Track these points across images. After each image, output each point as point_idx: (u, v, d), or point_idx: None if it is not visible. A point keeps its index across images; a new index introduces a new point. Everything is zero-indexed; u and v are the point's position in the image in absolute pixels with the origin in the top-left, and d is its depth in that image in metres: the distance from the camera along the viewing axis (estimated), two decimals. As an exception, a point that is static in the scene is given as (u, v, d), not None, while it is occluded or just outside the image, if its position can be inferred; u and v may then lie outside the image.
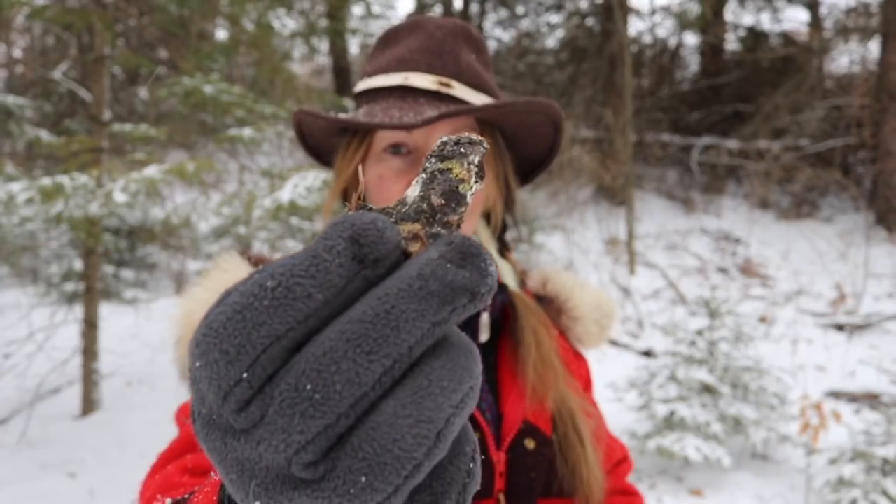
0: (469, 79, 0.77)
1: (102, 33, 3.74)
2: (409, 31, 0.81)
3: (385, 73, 0.78)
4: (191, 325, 0.73)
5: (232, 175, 5.09)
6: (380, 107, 0.75)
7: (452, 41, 0.78)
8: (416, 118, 0.71)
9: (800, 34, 9.87)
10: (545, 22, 10.42)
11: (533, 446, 0.77)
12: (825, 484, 3.03)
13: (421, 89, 0.75)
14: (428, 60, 0.77)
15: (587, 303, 0.89)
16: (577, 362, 0.90)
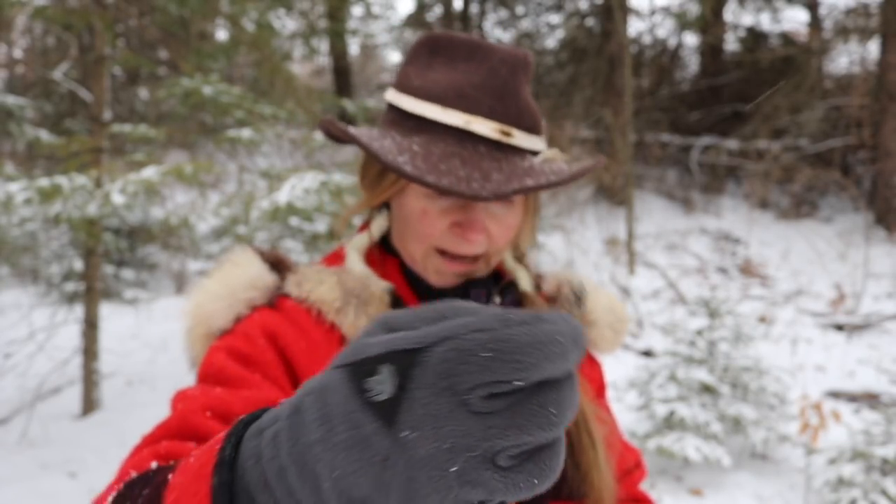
0: (527, 122, 0.75)
1: (103, 33, 3.74)
2: (469, 54, 0.75)
3: (441, 103, 0.73)
4: (200, 317, 0.74)
5: (231, 176, 5.09)
6: (437, 150, 0.70)
7: (514, 80, 0.74)
8: (483, 184, 0.67)
9: (799, 34, 9.88)
10: (545, 22, 10.42)
11: None
12: (824, 484, 3.03)
13: (481, 137, 0.72)
14: (490, 103, 0.73)
15: (601, 307, 0.89)
16: (591, 366, 0.90)
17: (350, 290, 0.75)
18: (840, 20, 9.14)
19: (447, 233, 0.75)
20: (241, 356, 0.70)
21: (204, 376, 0.69)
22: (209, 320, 0.74)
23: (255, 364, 0.69)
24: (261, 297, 0.75)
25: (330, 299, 0.74)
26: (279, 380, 0.69)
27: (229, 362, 0.69)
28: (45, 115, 6.10)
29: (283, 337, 0.72)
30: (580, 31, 9.80)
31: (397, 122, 0.76)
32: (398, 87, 0.77)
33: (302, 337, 0.73)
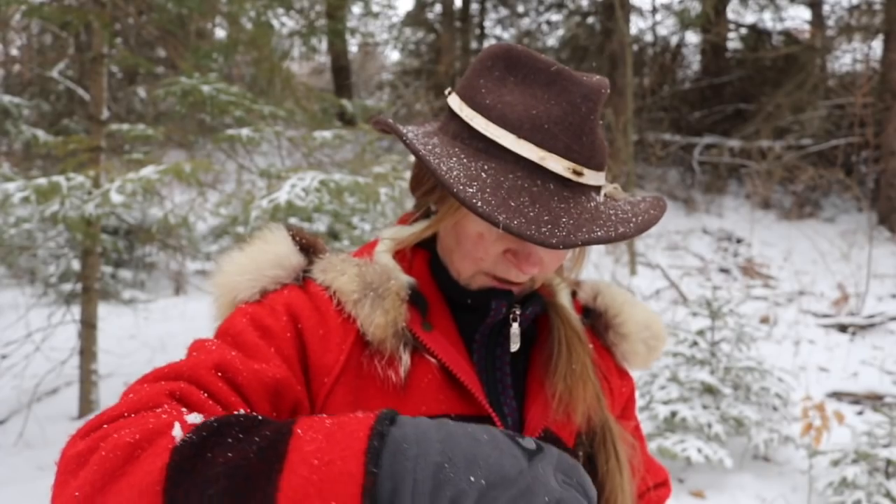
0: (598, 161, 0.73)
1: (100, 32, 3.72)
2: (550, 81, 0.72)
3: (516, 132, 0.70)
4: (226, 287, 0.76)
5: (230, 175, 5.07)
6: (506, 182, 0.68)
7: (593, 118, 0.72)
8: (553, 230, 0.66)
9: (802, 32, 9.84)
10: (546, 20, 10.40)
11: None
12: (828, 485, 3.00)
13: (552, 174, 0.70)
14: (567, 141, 0.70)
15: (636, 321, 0.88)
16: (621, 380, 0.89)
17: (369, 283, 0.75)
18: (843, 18, 9.10)
19: (500, 259, 0.75)
20: (263, 327, 0.71)
21: (223, 333, 0.71)
22: (233, 291, 0.76)
23: (273, 338, 0.71)
24: (286, 276, 0.76)
25: (348, 290, 0.74)
26: (290, 359, 0.71)
27: (249, 329, 0.71)
28: (43, 115, 6.09)
29: (307, 320, 0.73)
30: (581, 30, 9.78)
31: (463, 139, 0.73)
32: (466, 100, 0.74)
33: (322, 324, 0.73)
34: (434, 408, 0.74)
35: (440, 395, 0.74)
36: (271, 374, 0.67)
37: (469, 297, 0.78)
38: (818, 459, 3.30)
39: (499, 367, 0.80)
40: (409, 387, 0.73)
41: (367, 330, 0.73)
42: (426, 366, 0.75)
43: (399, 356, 0.73)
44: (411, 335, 0.75)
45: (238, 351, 0.68)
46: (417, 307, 0.76)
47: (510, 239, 0.74)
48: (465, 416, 0.74)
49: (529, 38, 10.41)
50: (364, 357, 0.73)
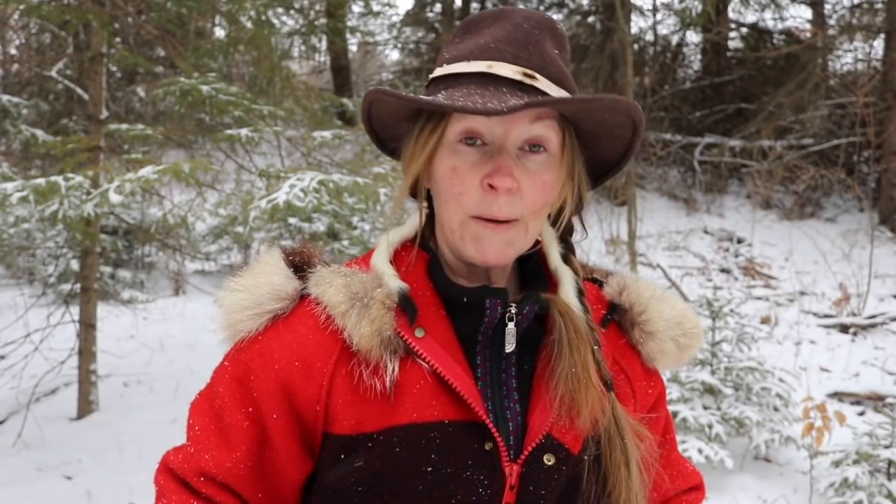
0: (552, 73, 0.75)
1: (99, 31, 3.71)
2: (493, 20, 0.77)
3: (466, 60, 0.75)
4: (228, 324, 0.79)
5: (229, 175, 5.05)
6: (459, 93, 0.72)
7: (539, 34, 0.75)
8: (500, 105, 0.67)
9: (803, 32, 9.82)
10: (546, 20, 10.38)
11: (552, 462, 0.74)
12: (829, 486, 2.99)
13: (504, 78, 0.72)
14: (513, 51, 0.74)
15: (665, 318, 0.84)
16: (647, 381, 0.85)
17: (354, 293, 0.75)
18: (845, 17, 9.08)
19: (479, 192, 0.74)
20: (216, 414, 0.78)
21: (189, 437, 0.79)
22: (234, 327, 0.79)
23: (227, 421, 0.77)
24: (285, 306, 0.78)
25: (335, 302, 0.75)
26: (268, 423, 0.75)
27: (205, 424, 0.78)
28: (42, 114, 6.08)
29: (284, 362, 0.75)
30: (581, 29, 9.76)
31: (432, 92, 0.78)
32: (436, 69, 0.79)
33: (299, 355, 0.75)
34: (426, 414, 0.73)
35: (433, 400, 0.73)
36: (243, 464, 0.75)
37: (464, 296, 0.77)
38: (819, 460, 3.29)
39: (504, 370, 0.78)
40: (399, 394, 0.73)
41: (354, 341, 0.73)
42: (418, 372, 0.74)
43: (385, 364, 0.73)
44: (402, 342, 0.74)
45: (219, 438, 0.76)
46: (407, 313, 0.76)
47: (482, 164, 0.73)
48: (459, 421, 0.73)
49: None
50: (353, 368, 0.74)
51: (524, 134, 0.74)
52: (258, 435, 0.75)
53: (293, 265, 0.80)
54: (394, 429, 0.73)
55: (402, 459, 0.72)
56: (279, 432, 0.75)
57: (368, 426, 0.73)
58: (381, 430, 0.73)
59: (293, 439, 0.76)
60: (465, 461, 0.73)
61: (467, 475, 0.72)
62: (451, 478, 0.72)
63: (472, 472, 0.72)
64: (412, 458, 0.72)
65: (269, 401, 0.75)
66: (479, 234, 0.75)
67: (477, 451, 0.73)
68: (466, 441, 0.73)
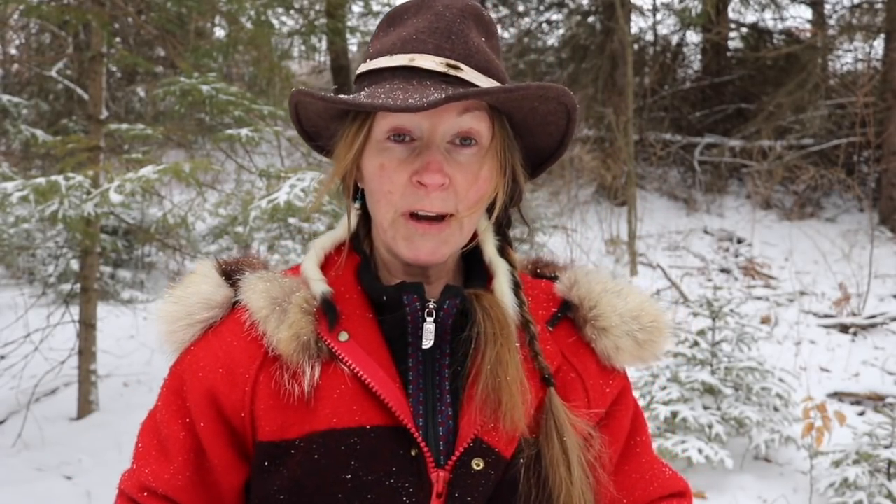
0: (478, 62, 0.72)
1: (99, 31, 3.71)
2: (416, 10, 0.75)
3: (389, 54, 0.73)
4: (164, 336, 0.80)
5: (229, 175, 5.06)
6: (382, 89, 0.70)
7: (462, 22, 0.73)
8: (421, 100, 0.65)
9: (803, 32, 9.82)
10: (546, 20, 10.38)
11: (480, 467, 0.72)
12: (829, 486, 2.99)
13: (427, 71, 0.70)
14: (435, 41, 0.72)
15: (619, 312, 0.80)
16: (603, 379, 0.81)
17: (274, 298, 0.75)
18: (845, 17, 9.08)
19: (409, 188, 0.72)
20: (156, 430, 0.78)
21: (134, 456, 0.80)
22: (171, 338, 0.80)
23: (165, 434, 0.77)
24: (216, 314, 0.78)
25: (257, 308, 0.75)
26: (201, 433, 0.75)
27: (147, 441, 0.79)
28: (42, 114, 6.07)
29: (209, 371, 0.75)
30: (581, 29, 9.75)
31: (357, 89, 0.77)
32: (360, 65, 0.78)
33: (224, 361, 0.75)
34: (346, 419, 0.71)
35: (353, 405, 0.71)
36: (181, 474, 0.75)
37: (384, 295, 0.75)
38: (819, 460, 3.29)
39: (437, 372, 0.75)
40: (319, 399, 0.72)
41: (273, 345, 0.73)
42: (339, 377, 0.72)
43: (304, 369, 0.72)
44: (325, 346, 0.73)
45: (159, 451, 0.77)
46: (328, 317, 0.74)
47: (410, 160, 0.71)
48: (383, 426, 0.71)
49: (529, 37, 10.39)
50: (275, 373, 0.73)
51: (453, 128, 0.71)
52: (194, 444, 0.75)
53: (225, 274, 0.80)
54: (313, 435, 0.71)
55: (321, 467, 0.71)
56: (210, 440, 0.75)
57: (290, 433, 0.72)
58: (302, 437, 0.71)
59: (225, 446, 0.75)
60: (388, 468, 0.70)
61: (391, 483, 0.70)
62: (373, 485, 0.70)
63: (395, 479, 0.70)
64: (331, 465, 0.70)
65: (197, 409, 0.75)
66: (410, 234, 0.73)
67: (402, 457, 0.71)
68: (390, 447, 0.71)
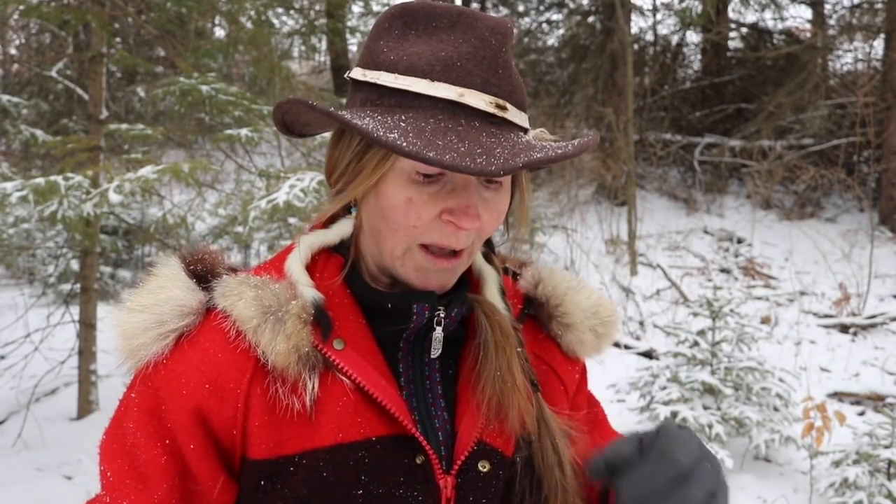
0: (519, 98, 0.69)
1: (99, 31, 3.71)
2: (452, 23, 0.67)
3: (426, 76, 0.65)
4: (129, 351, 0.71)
5: (229, 175, 5.06)
6: (428, 126, 0.63)
7: (506, 52, 0.68)
8: (489, 159, 0.60)
9: (803, 32, 9.82)
10: (546, 20, 10.38)
11: (487, 469, 0.71)
12: (829, 486, 2.99)
13: (475, 110, 0.65)
14: (483, 75, 0.66)
15: (582, 309, 0.82)
16: (570, 365, 0.84)
17: (267, 307, 0.68)
18: (845, 17, 9.08)
19: (436, 223, 0.68)
20: (128, 454, 0.69)
21: (103, 485, 0.71)
22: (138, 353, 0.70)
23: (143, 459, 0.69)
24: (191, 322, 0.70)
25: (246, 317, 0.68)
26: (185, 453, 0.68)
27: (118, 467, 0.69)
28: (41, 114, 6.08)
29: (193, 386, 0.68)
30: (581, 29, 9.76)
31: (374, 102, 0.68)
32: (369, 65, 0.69)
33: (210, 377, 0.69)
34: (352, 433, 0.68)
35: (357, 417, 0.69)
36: (167, 501, 0.68)
37: (389, 302, 0.71)
38: (819, 460, 3.29)
39: (428, 376, 0.74)
40: (321, 412, 0.68)
41: (269, 358, 0.67)
42: (339, 387, 0.69)
43: (304, 382, 0.67)
44: (322, 356, 0.69)
45: (135, 479, 0.68)
46: (321, 326, 0.70)
47: (443, 198, 0.67)
48: (387, 436, 0.69)
49: (529, 37, 10.40)
50: (269, 387, 0.68)
51: None
52: (179, 469, 0.68)
53: (195, 275, 0.72)
54: (318, 451, 0.68)
55: (329, 484, 0.68)
56: (200, 463, 0.68)
57: (288, 448, 0.68)
58: (303, 453, 0.68)
59: (217, 467, 0.69)
60: (396, 478, 0.69)
61: (401, 493, 0.69)
62: (384, 498, 0.68)
63: (405, 489, 0.69)
64: (341, 481, 0.68)
65: (184, 430, 0.68)
66: (423, 265, 0.70)
67: (408, 466, 0.69)
68: (396, 457, 0.69)
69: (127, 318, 0.71)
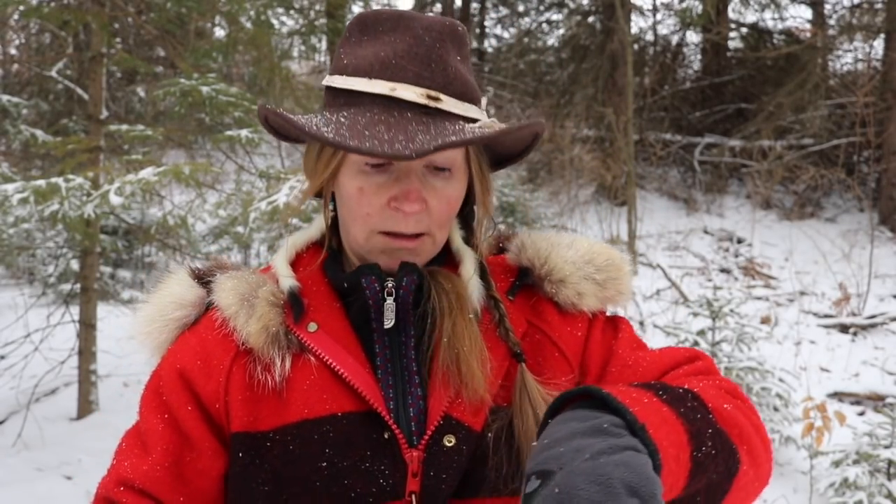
0: (457, 89, 0.74)
1: (99, 32, 3.71)
2: (393, 26, 0.74)
3: (367, 75, 0.73)
4: (141, 339, 0.83)
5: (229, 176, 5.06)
6: (363, 119, 0.70)
7: (441, 46, 0.73)
8: (406, 144, 0.66)
9: (803, 32, 9.82)
10: (546, 20, 10.38)
11: (452, 443, 0.73)
12: (829, 486, 2.99)
13: (408, 102, 0.71)
14: (416, 69, 0.72)
15: (571, 261, 0.82)
16: (571, 326, 0.82)
17: (242, 294, 0.78)
18: (845, 17, 9.08)
19: (386, 211, 0.74)
20: (137, 428, 0.80)
21: (115, 455, 0.80)
22: (149, 340, 0.83)
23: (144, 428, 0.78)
24: (190, 313, 0.81)
25: (226, 304, 0.78)
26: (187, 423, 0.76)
27: (129, 441, 0.80)
28: (42, 114, 6.08)
29: (187, 363, 0.78)
30: (581, 29, 9.76)
31: (329, 103, 0.77)
32: (332, 71, 0.77)
33: (200, 354, 0.78)
34: (317, 409, 0.73)
35: (323, 394, 0.73)
36: (160, 465, 0.75)
37: (345, 282, 0.77)
38: (819, 460, 3.29)
39: (403, 354, 0.76)
40: (290, 390, 0.74)
41: (244, 339, 0.75)
42: (308, 367, 0.74)
43: (274, 360, 0.74)
44: (295, 338, 0.76)
45: (138, 447, 0.77)
46: (294, 309, 0.77)
47: (389, 185, 0.73)
48: (354, 412, 0.73)
49: (529, 37, 10.40)
50: (248, 366, 0.76)
51: (429, 158, 0.74)
52: (174, 437, 0.76)
53: (197, 277, 0.83)
54: (287, 427, 0.73)
55: (297, 457, 0.72)
56: (195, 424, 0.76)
57: (263, 424, 0.74)
58: (276, 429, 0.73)
59: (208, 431, 0.76)
60: (362, 452, 0.72)
61: (366, 466, 0.72)
62: (349, 471, 0.71)
63: (370, 462, 0.72)
64: (307, 454, 0.72)
65: (178, 397, 0.77)
66: (387, 247, 0.76)
67: (375, 441, 0.72)
68: (363, 432, 0.72)
69: (140, 311, 0.83)
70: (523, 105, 9.63)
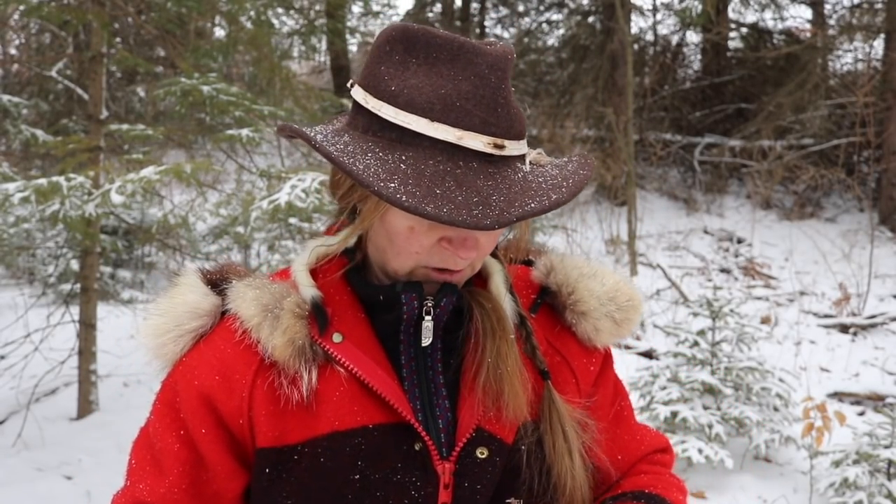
0: (517, 130, 0.70)
1: (99, 31, 3.71)
2: (451, 57, 0.68)
3: (426, 115, 0.67)
4: (153, 350, 0.80)
5: (230, 175, 5.06)
6: (428, 170, 0.65)
7: (505, 87, 0.69)
8: (485, 211, 0.63)
9: (803, 32, 9.82)
10: (546, 20, 10.38)
11: (485, 455, 0.73)
12: (829, 486, 2.99)
13: (473, 151, 0.68)
14: (482, 115, 0.67)
15: (596, 295, 0.83)
16: (587, 358, 0.84)
17: (265, 305, 0.74)
18: (845, 17, 9.08)
19: (436, 249, 0.72)
20: (150, 444, 0.77)
21: (127, 473, 0.78)
22: (160, 352, 0.79)
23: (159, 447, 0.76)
24: (205, 322, 0.78)
25: (248, 315, 0.75)
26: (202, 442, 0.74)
27: (140, 456, 0.77)
28: (42, 114, 6.08)
29: (206, 379, 0.75)
30: (581, 29, 9.76)
31: (375, 132, 0.69)
32: (370, 89, 0.71)
33: (220, 369, 0.75)
34: (348, 421, 0.72)
35: (353, 406, 0.72)
36: (177, 487, 0.73)
37: (382, 295, 0.75)
38: (819, 460, 3.29)
39: (430, 366, 0.76)
40: (319, 403, 0.73)
41: (269, 352, 0.73)
42: (337, 378, 0.73)
43: (301, 374, 0.72)
44: (321, 349, 0.74)
45: (153, 466, 0.75)
46: (318, 320, 0.75)
47: (443, 226, 0.70)
48: (385, 424, 0.72)
49: (529, 37, 10.40)
50: (272, 379, 0.73)
51: None
52: (191, 457, 0.74)
53: (210, 283, 0.80)
54: (317, 439, 0.72)
55: (328, 470, 0.71)
56: (211, 447, 0.74)
57: (291, 438, 0.72)
58: (304, 442, 0.72)
59: (226, 453, 0.74)
60: (394, 464, 0.71)
61: (398, 478, 0.71)
62: (381, 483, 0.71)
63: (402, 474, 0.71)
64: (338, 467, 0.71)
65: (194, 417, 0.74)
66: (429, 278, 0.74)
67: (406, 452, 0.72)
68: (394, 443, 0.72)
69: (151, 321, 0.79)
70: (523, 105, 9.63)
